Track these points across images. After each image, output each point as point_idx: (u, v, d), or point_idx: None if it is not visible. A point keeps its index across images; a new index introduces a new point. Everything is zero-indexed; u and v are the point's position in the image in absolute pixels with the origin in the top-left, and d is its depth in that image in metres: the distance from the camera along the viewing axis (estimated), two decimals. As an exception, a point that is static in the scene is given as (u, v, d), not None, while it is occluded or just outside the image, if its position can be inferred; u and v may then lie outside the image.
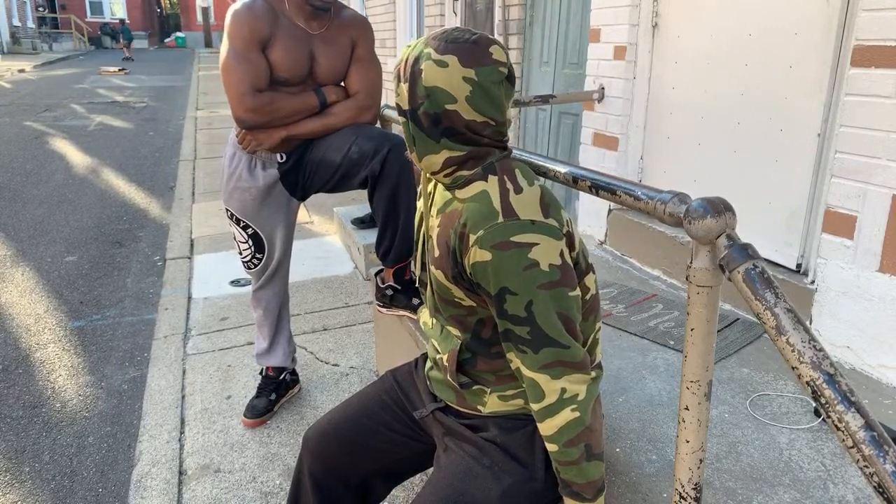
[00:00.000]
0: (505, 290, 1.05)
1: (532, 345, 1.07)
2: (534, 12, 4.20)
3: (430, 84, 1.07)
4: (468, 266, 1.10)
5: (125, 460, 2.33)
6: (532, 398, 1.10)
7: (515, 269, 1.04)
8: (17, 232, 4.81)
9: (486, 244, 1.05)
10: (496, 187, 1.10)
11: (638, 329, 2.21)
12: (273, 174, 2.11)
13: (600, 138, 3.21)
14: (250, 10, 1.91)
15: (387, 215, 1.97)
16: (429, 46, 1.09)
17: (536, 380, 1.08)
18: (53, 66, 20.54)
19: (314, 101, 2.01)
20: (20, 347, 3.12)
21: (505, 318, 1.08)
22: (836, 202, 2.01)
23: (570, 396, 1.07)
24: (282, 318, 2.40)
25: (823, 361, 0.81)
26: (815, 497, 1.41)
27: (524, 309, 1.05)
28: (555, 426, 1.08)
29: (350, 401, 1.45)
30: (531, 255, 1.04)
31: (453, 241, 1.12)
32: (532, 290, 1.04)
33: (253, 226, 2.18)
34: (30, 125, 9.34)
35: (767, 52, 2.35)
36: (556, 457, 1.10)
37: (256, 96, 1.92)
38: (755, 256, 0.93)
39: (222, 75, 1.94)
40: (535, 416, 1.10)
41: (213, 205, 5.31)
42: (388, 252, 2.02)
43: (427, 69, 1.07)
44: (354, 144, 1.95)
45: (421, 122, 1.11)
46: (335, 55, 2.04)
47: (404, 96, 1.12)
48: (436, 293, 1.22)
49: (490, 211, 1.07)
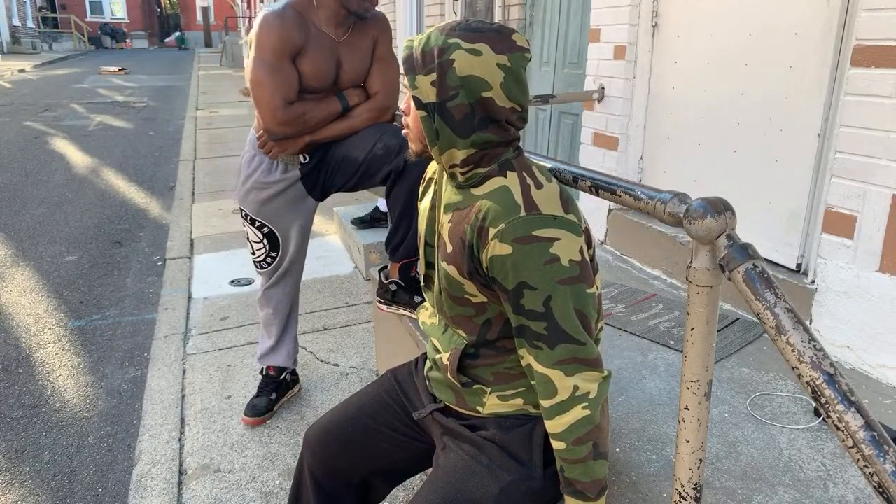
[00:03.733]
0: (524, 284, 1.05)
1: (548, 341, 1.06)
2: (534, 12, 4.20)
3: (466, 73, 1.05)
4: (485, 260, 1.09)
5: (125, 460, 2.33)
6: (543, 394, 1.09)
7: (536, 264, 1.04)
8: (17, 232, 4.81)
9: (507, 238, 1.05)
10: (517, 182, 1.10)
11: (638, 329, 2.21)
12: (294, 175, 2.11)
13: (600, 138, 3.21)
14: (281, 19, 1.88)
15: (403, 210, 1.97)
16: (451, 37, 1.06)
17: (550, 376, 1.07)
18: (53, 66, 20.53)
19: (338, 107, 2.01)
20: (20, 347, 3.12)
21: (521, 313, 1.07)
22: (836, 202, 2.01)
23: (583, 394, 1.06)
24: (291, 318, 2.40)
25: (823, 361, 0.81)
26: (815, 497, 1.41)
27: (542, 304, 1.05)
28: (564, 423, 1.07)
29: (350, 400, 1.45)
30: (552, 249, 1.04)
31: (469, 235, 1.11)
32: (552, 285, 1.04)
33: (268, 224, 2.18)
34: (30, 125, 9.34)
35: (767, 52, 2.35)
36: (563, 455, 1.09)
37: (289, 109, 1.90)
38: (755, 256, 0.92)
39: (252, 87, 1.91)
40: (545, 413, 1.10)
41: (213, 205, 5.31)
42: (399, 247, 2.02)
43: (460, 58, 1.05)
44: (380, 141, 1.96)
45: (451, 114, 1.08)
46: (360, 59, 2.04)
47: (427, 89, 1.08)
48: (444, 291, 1.21)
49: (512, 205, 1.07)
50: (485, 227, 1.08)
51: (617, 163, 3.11)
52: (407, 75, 1.11)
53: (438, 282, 1.24)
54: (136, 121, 10.02)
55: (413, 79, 1.09)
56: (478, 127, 1.09)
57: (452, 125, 1.09)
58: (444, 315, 1.26)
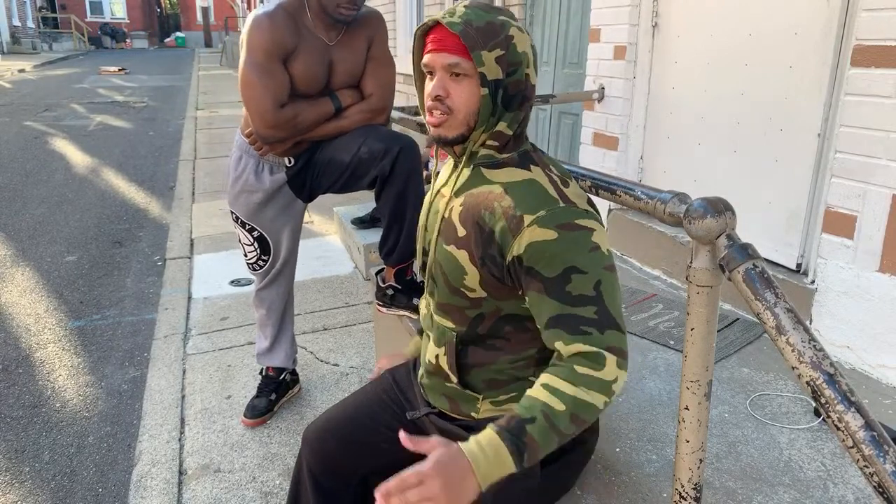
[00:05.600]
0: (573, 269, 1.04)
1: (598, 325, 1.02)
2: (534, 12, 4.20)
3: (522, 49, 1.10)
4: (518, 247, 1.06)
5: (125, 460, 2.33)
6: (585, 363, 1.00)
7: (584, 249, 1.04)
8: (17, 232, 4.81)
9: (549, 224, 1.05)
10: (544, 177, 1.12)
11: (638, 329, 2.21)
12: (280, 178, 2.11)
13: (600, 138, 3.21)
14: (272, 21, 1.85)
15: (393, 215, 1.96)
16: (500, 15, 1.10)
17: (605, 354, 1.00)
18: (53, 66, 20.53)
19: (330, 108, 1.98)
20: (20, 347, 3.12)
21: (567, 300, 1.03)
22: (836, 202, 2.01)
23: (613, 389, 1.01)
24: (285, 318, 2.40)
25: (823, 361, 0.81)
26: (815, 497, 1.41)
27: (593, 288, 1.03)
28: (582, 396, 0.98)
29: (349, 400, 1.45)
30: (593, 238, 1.06)
31: (491, 220, 1.10)
32: (599, 270, 1.05)
33: (259, 228, 2.18)
34: (30, 125, 9.33)
35: (767, 52, 2.35)
36: (549, 419, 0.97)
37: (279, 112, 1.87)
38: (755, 256, 0.92)
39: (242, 89, 1.88)
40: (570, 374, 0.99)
41: (213, 205, 5.31)
42: (392, 251, 2.01)
43: (516, 35, 1.10)
44: (364, 145, 1.93)
45: (508, 90, 1.11)
46: (353, 60, 2.00)
47: (493, 66, 1.07)
48: (444, 273, 1.19)
49: (548, 197, 1.08)
50: (517, 215, 1.07)
51: (617, 163, 3.11)
52: (470, 52, 1.06)
53: (434, 267, 1.23)
54: (136, 121, 10.02)
55: (479, 55, 1.06)
56: (517, 103, 1.13)
57: (507, 102, 1.12)
58: (432, 299, 1.25)
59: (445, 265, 1.18)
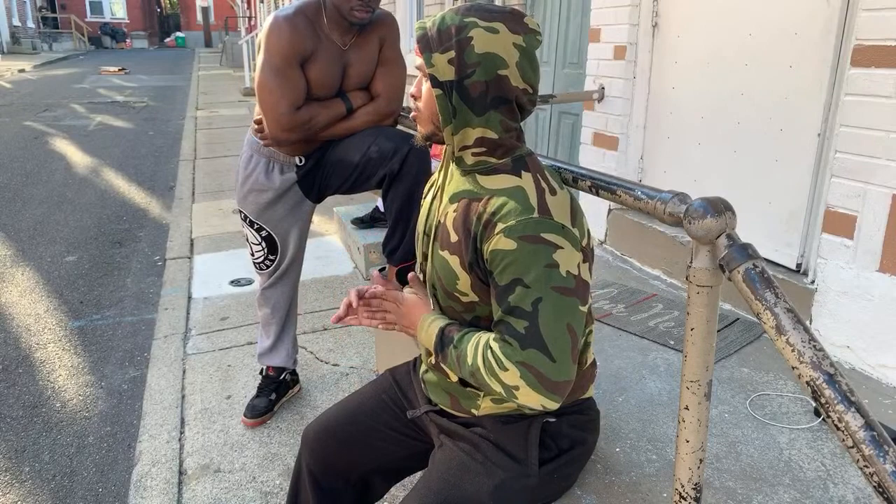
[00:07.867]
0: (518, 281, 1.04)
1: (522, 340, 1.04)
2: (534, 12, 4.20)
3: (484, 50, 1.07)
4: (486, 252, 1.09)
5: (125, 460, 2.33)
6: (488, 370, 1.07)
7: (536, 264, 1.04)
8: (17, 232, 4.81)
9: (513, 234, 1.05)
10: (532, 185, 1.11)
11: (638, 329, 2.21)
12: (290, 177, 2.11)
13: (600, 138, 3.21)
14: (292, 25, 1.87)
15: (399, 214, 1.97)
16: (468, 16, 1.08)
17: (507, 365, 1.04)
18: (53, 66, 20.53)
19: (342, 109, 2.01)
20: (20, 347, 3.12)
21: (506, 309, 1.06)
22: (836, 202, 2.01)
23: (512, 388, 1.04)
24: (289, 318, 2.40)
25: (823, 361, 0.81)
26: (814, 497, 1.41)
27: (531, 304, 1.04)
28: (480, 371, 1.08)
29: (349, 399, 1.45)
30: (555, 255, 1.05)
31: (475, 226, 1.11)
32: (545, 288, 1.04)
33: (267, 228, 2.18)
34: (30, 125, 9.34)
35: (767, 52, 2.35)
36: (459, 360, 1.13)
37: (295, 115, 1.90)
38: (755, 256, 0.92)
39: (258, 92, 1.90)
40: (484, 352, 1.09)
41: (213, 205, 5.31)
42: (396, 250, 2.02)
43: (478, 36, 1.07)
44: (374, 144, 1.96)
45: (468, 91, 1.09)
46: (365, 63, 2.03)
47: (445, 67, 1.09)
48: (440, 278, 1.21)
49: (526, 205, 1.08)
50: (493, 221, 1.08)
51: (617, 163, 3.11)
52: (422, 54, 1.11)
53: (432, 272, 1.24)
54: (136, 121, 10.02)
55: (429, 57, 1.10)
56: (491, 106, 1.11)
57: (469, 103, 1.10)
58: (436, 304, 1.27)
59: (441, 270, 1.20)
